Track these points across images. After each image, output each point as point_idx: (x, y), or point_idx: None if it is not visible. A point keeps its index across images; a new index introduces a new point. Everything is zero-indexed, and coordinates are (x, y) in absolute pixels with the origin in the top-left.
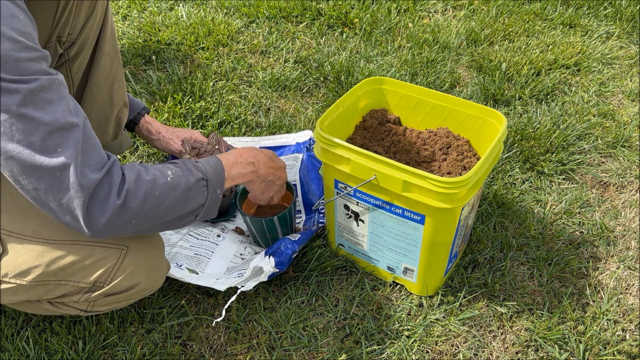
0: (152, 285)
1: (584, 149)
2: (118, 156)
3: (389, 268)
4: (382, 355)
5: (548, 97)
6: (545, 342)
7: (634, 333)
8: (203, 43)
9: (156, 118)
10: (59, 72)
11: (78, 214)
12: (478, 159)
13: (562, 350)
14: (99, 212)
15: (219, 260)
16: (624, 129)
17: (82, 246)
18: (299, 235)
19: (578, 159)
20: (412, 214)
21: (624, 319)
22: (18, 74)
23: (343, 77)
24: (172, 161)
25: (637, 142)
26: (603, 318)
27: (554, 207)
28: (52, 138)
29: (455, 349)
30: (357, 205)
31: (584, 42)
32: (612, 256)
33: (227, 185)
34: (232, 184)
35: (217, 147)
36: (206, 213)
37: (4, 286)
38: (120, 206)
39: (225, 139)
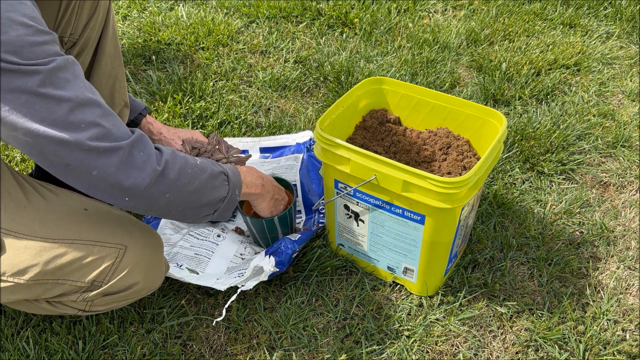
0: (151, 286)
1: (584, 149)
2: None
3: (389, 268)
4: (382, 355)
5: (548, 97)
6: (545, 342)
7: (634, 333)
8: (203, 43)
9: (156, 118)
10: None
11: (114, 183)
12: (478, 159)
13: (562, 350)
14: (139, 176)
15: (219, 260)
16: (624, 129)
17: (81, 245)
18: (299, 235)
19: (578, 159)
20: (412, 214)
21: (624, 319)
22: (35, 57)
23: (343, 77)
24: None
25: (637, 142)
26: (603, 318)
27: (554, 207)
28: (74, 114)
29: (455, 349)
30: (357, 205)
31: (584, 42)
32: (612, 256)
33: (243, 190)
34: (247, 191)
35: (217, 147)
36: (223, 211)
37: (1, 285)
38: (160, 174)
39: (225, 139)
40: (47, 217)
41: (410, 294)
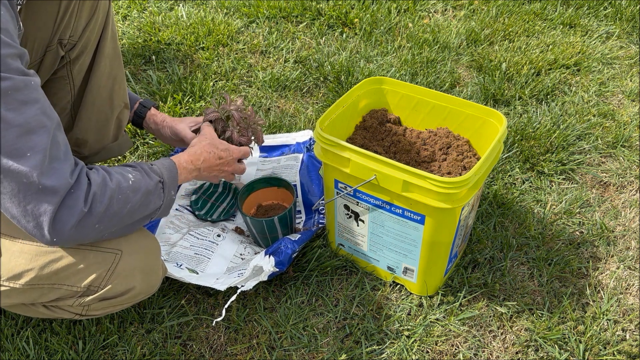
0: (148, 290)
1: (584, 149)
2: (119, 157)
3: (389, 268)
4: (382, 355)
5: (548, 97)
6: (545, 342)
7: (634, 333)
8: (203, 43)
9: None
10: (36, 74)
11: (43, 221)
12: (478, 159)
13: (562, 350)
14: (67, 219)
15: (219, 260)
16: (624, 129)
17: (76, 250)
18: (299, 235)
19: (578, 159)
20: (412, 214)
21: (624, 319)
22: None
23: (343, 77)
24: (130, 164)
25: (637, 142)
26: (603, 318)
27: (554, 207)
28: (22, 141)
29: (455, 349)
30: (357, 205)
31: (584, 42)
32: (612, 256)
33: (178, 182)
34: (180, 182)
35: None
36: (161, 214)
37: None
38: (86, 213)
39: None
40: None
41: (410, 294)
